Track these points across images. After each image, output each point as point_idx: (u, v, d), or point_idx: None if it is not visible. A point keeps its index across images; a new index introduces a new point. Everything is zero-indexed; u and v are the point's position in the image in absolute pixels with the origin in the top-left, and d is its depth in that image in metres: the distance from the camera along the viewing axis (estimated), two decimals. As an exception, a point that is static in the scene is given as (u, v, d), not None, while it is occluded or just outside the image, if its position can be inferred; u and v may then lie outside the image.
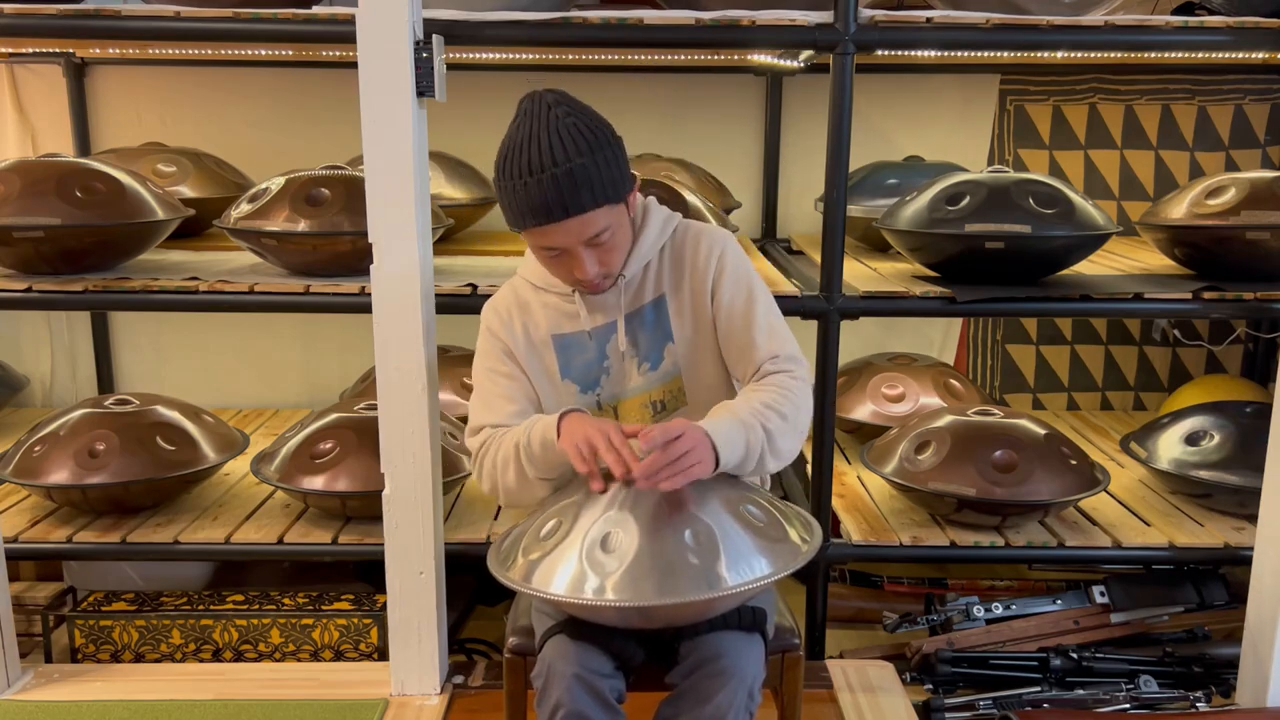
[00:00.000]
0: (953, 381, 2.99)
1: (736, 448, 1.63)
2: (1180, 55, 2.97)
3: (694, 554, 1.53)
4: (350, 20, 2.04)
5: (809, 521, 1.71)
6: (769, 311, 1.79)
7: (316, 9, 2.29)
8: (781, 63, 3.09)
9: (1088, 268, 2.71)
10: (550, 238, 1.66)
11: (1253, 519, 2.32)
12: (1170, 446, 2.64)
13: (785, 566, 1.56)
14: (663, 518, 1.57)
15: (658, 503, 1.59)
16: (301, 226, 2.39)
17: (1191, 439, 2.61)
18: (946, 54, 3.04)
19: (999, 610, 2.60)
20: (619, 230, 1.70)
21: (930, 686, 2.47)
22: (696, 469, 1.57)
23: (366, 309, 2.15)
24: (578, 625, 1.63)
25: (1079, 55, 3.04)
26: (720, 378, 1.85)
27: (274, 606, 2.51)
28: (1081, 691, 2.41)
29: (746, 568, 1.53)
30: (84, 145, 3.33)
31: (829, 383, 2.38)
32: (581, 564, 1.54)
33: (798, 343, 1.80)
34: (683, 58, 3.20)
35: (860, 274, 2.66)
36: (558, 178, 1.59)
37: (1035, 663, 2.46)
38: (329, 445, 2.49)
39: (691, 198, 2.66)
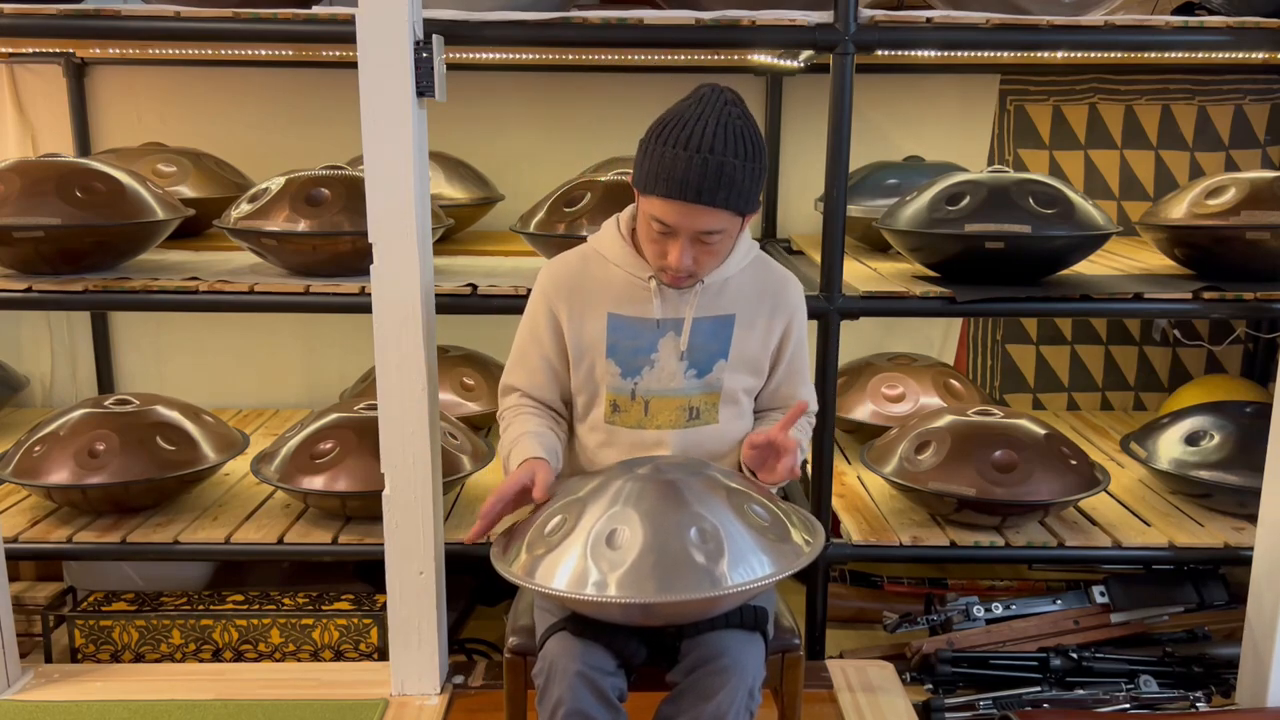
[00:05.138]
0: (953, 381, 2.99)
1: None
2: (1180, 55, 2.97)
3: (699, 551, 1.53)
4: (350, 20, 2.04)
5: (811, 522, 1.72)
6: (807, 364, 1.95)
7: (316, 9, 2.29)
8: (781, 63, 3.09)
9: (1088, 268, 2.71)
10: (670, 214, 1.69)
11: (1253, 519, 2.32)
12: (1170, 446, 2.64)
13: (788, 567, 1.57)
14: (668, 515, 1.57)
15: (663, 499, 1.59)
16: (301, 226, 2.39)
17: (1191, 439, 2.61)
18: (946, 54, 3.04)
19: (999, 610, 2.61)
20: (726, 241, 1.75)
21: (930, 686, 2.48)
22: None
23: (366, 309, 2.15)
24: (581, 622, 1.63)
25: (1079, 55, 3.05)
26: (746, 407, 1.89)
27: (274, 606, 2.51)
28: (1081, 691, 2.41)
29: (750, 567, 1.54)
30: (84, 145, 3.33)
31: (829, 383, 2.38)
32: (586, 560, 1.54)
33: None
34: (683, 58, 3.19)
35: (860, 274, 2.66)
36: (708, 164, 1.64)
37: (1035, 663, 2.46)
38: (329, 445, 2.49)
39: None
